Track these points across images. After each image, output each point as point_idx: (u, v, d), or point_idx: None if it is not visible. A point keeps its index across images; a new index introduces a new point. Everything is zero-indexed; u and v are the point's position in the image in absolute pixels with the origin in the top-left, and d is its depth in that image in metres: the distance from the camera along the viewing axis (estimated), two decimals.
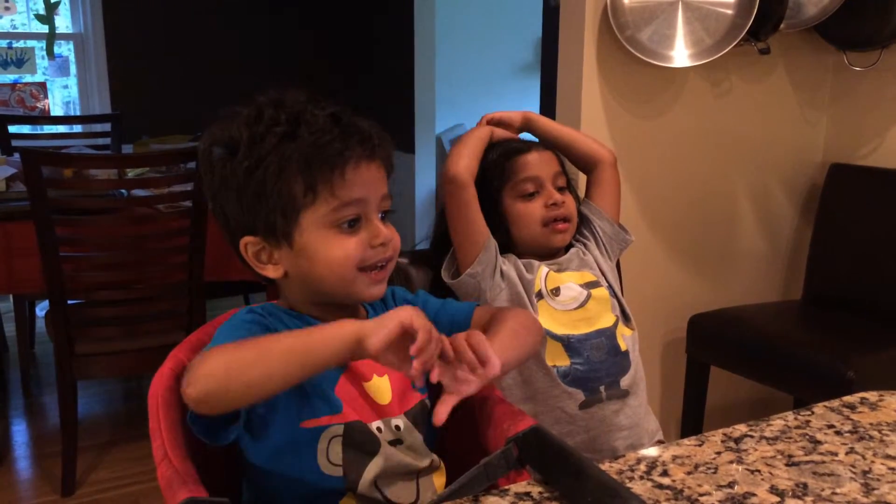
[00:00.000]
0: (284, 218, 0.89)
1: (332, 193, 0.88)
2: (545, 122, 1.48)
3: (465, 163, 1.33)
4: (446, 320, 1.04)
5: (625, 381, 1.33)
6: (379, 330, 0.77)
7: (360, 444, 0.91)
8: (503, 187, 1.37)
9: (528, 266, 1.36)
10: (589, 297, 1.35)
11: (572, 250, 1.41)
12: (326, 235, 0.89)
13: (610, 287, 1.39)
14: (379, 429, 0.93)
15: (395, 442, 0.94)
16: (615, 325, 1.35)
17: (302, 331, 0.83)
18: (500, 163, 1.38)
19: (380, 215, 0.93)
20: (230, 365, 0.78)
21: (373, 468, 0.91)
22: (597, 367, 1.31)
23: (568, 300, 1.34)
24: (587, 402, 1.30)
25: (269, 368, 0.78)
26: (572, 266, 1.38)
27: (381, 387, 0.95)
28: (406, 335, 0.78)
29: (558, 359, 1.30)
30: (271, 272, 0.93)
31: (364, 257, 0.91)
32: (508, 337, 0.95)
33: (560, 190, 1.38)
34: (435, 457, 0.99)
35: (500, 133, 1.42)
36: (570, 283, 1.35)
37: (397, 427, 0.95)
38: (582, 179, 1.53)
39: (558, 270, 1.37)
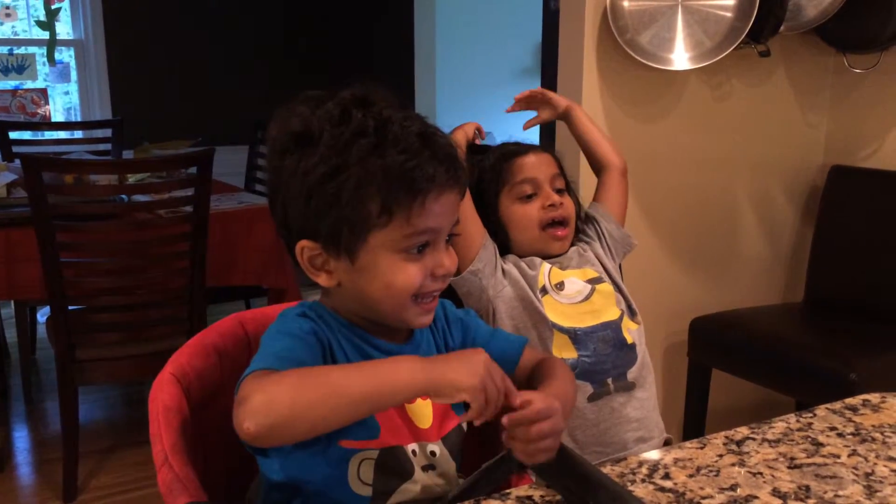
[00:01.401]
0: (352, 233, 0.84)
1: (407, 220, 0.83)
2: (584, 118, 1.53)
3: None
4: (496, 353, 0.97)
5: (631, 374, 1.33)
6: (448, 393, 0.76)
7: (392, 468, 0.89)
8: (501, 190, 1.38)
9: (529, 263, 1.36)
10: (593, 290, 1.35)
11: (572, 249, 1.41)
12: (392, 259, 0.85)
13: (614, 283, 1.39)
14: (414, 451, 0.90)
15: (428, 467, 0.91)
16: (620, 318, 1.36)
17: (370, 371, 0.78)
18: (497, 166, 1.39)
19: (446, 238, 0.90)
20: (296, 401, 0.74)
21: (402, 493, 0.89)
22: (604, 359, 1.31)
23: (573, 293, 1.34)
24: (595, 395, 1.30)
25: (338, 408, 0.76)
26: (573, 264, 1.39)
27: (424, 411, 0.93)
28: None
29: (566, 351, 1.30)
30: (324, 280, 0.89)
31: (423, 285, 0.87)
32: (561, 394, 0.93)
33: (558, 192, 1.39)
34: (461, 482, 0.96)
35: (471, 129, 1.47)
36: (574, 278, 1.36)
37: (433, 453, 0.92)
38: (588, 183, 1.53)
39: (560, 268, 1.37)
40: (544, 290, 1.34)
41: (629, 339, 1.34)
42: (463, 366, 0.77)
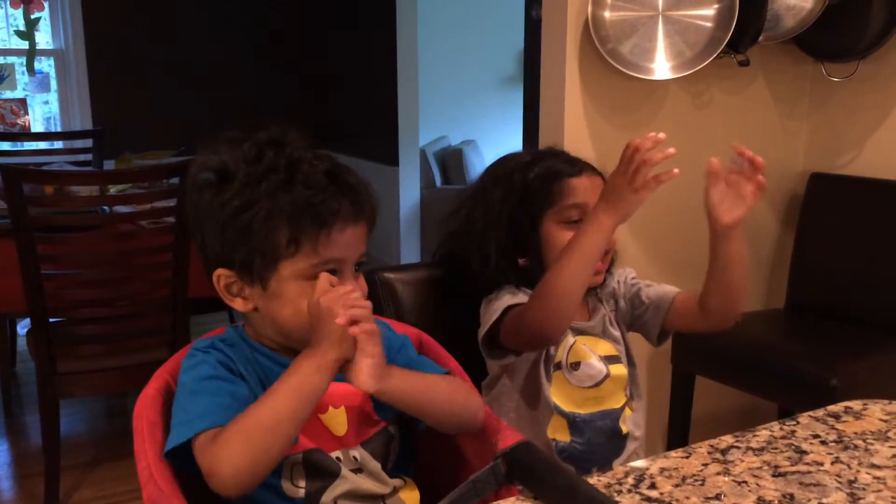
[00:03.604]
0: (263, 262, 0.91)
1: (314, 250, 0.90)
2: (741, 252, 1.26)
3: (564, 324, 1.19)
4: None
5: (617, 464, 1.30)
6: (343, 365, 0.87)
7: (319, 469, 0.93)
8: (546, 210, 1.27)
9: None
10: (607, 376, 1.29)
11: (599, 316, 1.34)
12: (302, 286, 0.91)
13: (629, 363, 1.34)
14: (338, 458, 0.95)
15: (357, 470, 0.96)
16: (623, 407, 1.32)
17: (286, 391, 0.86)
18: (545, 184, 1.27)
19: (354, 268, 0.95)
20: (254, 455, 0.83)
21: (333, 491, 0.93)
22: (595, 448, 1.28)
23: (585, 378, 1.28)
24: None
25: (285, 434, 0.85)
26: (597, 332, 1.32)
27: (337, 418, 0.96)
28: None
29: (559, 433, 1.27)
30: (240, 305, 0.95)
31: None
32: (431, 382, 0.99)
33: None
34: (398, 481, 0.99)
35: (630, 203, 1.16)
36: (592, 361, 1.29)
37: (355, 458, 0.96)
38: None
39: (582, 333, 1.30)
40: (558, 366, 1.28)
41: (624, 430, 1.31)
42: (326, 341, 0.86)
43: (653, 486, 0.83)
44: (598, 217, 1.12)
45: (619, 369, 1.31)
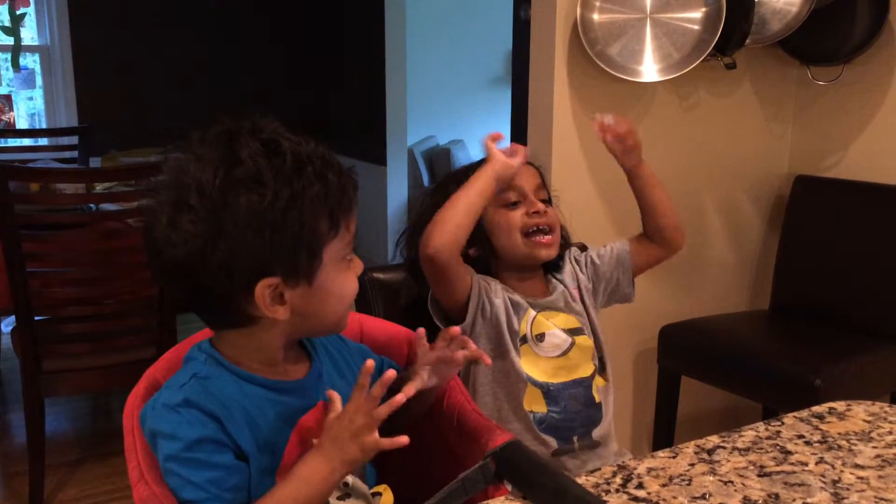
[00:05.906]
0: (310, 255, 0.88)
1: (347, 228, 0.92)
2: (654, 177, 1.48)
3: (450, 238, 1.25)
4: None
5: (597, 433, 1.34)
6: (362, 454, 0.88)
7: None
8: None
9: (516, 306, 1.34)
10: (572, 345, 1.35)
11: (558, 291, 1.39)
12: (339, 269, 0.92)
13: (593, 335, 1.39)
14: None
15: (344, 496, 0.95)
16: (593, 375, 1.36)
17: (306, 484, 0.87)
18: None
19: None
20: None
21: None
22: (572, 416, 1.32)
23: (551, 347, 1.34)
24: (559, 451, 1.31)
25: None
26: (560, 306, 1.38)
27: None
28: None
29: (536, 405, 1.31)
30: (281, 313, 0.89)
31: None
32: None
33: (542, 202, 1.38)
34: (380, 487, 0.99)
35: (503, 166, 1.31)
36: (556, 331, 1.35)
37: (345, 483, 0.95)
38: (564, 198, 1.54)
39: (544, 309, 1.35)
40: (524, 339, 1.33)
41: (597, 398, 1.35)
42: (337, 454, 0.87)
43: (640, 486, 0.84)
44: (485, 171, 1.29)
45: (585, 340, 1.37)
